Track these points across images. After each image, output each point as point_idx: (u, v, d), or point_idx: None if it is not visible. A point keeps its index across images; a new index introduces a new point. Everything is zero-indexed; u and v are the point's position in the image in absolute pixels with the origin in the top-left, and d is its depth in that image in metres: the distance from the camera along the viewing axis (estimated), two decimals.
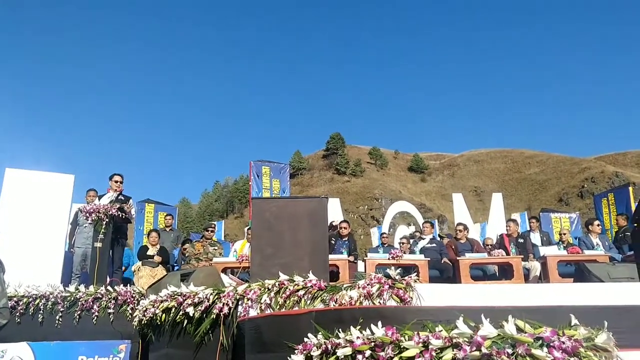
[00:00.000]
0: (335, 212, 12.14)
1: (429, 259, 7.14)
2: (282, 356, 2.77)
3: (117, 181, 7.39)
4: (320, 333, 2.61)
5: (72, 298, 5.48)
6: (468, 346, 2.01)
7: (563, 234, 8.60)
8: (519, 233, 8.66)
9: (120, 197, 7.23)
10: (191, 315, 3.99)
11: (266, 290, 3.76)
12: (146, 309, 4.60)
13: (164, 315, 4.32)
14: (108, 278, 6.62)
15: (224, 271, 6.52)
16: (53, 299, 5.49)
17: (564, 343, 1.91)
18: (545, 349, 1.91)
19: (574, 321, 2.12)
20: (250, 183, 11.71)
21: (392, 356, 2.22)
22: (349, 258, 7.27)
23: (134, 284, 6.78)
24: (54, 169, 7.48)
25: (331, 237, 7.52)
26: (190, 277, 4.66)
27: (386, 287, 3.31)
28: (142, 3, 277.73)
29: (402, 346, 2.21)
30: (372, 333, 2.34)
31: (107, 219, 6.70)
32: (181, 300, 4.14)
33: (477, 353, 1.98)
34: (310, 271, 3.79)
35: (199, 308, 3.97)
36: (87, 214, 6.69)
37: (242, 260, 6.71)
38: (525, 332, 2.01)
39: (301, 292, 3.60)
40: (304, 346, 2.63)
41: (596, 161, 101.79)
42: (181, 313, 4.09)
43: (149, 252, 8.03)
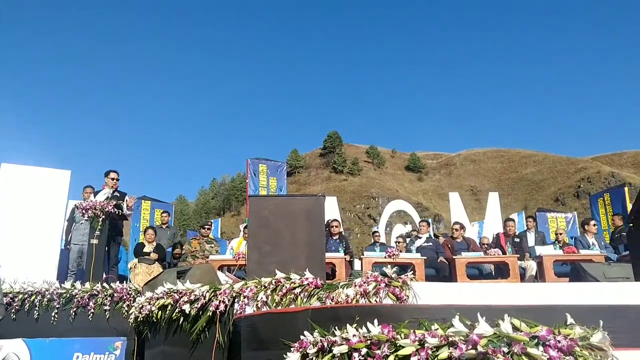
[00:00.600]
0: (332, 211, 12.13)
1: (425, 258, 7.14)
2: (279, 354, 2.77)
3: (114, 178, 7.35)
4: (316, 331, 2.61)
5: (68, 295, 5.48)
6: (464, 345, 2.02)
7: (559, 234, 8.61)
8: (516, 233, 8.69)
9: (115, 194, 7.21)
10: (187, 312, 3.99)
11: (263, 288, 3.75)
12: (142, 306, 4.59)
13: (160, 312, 4.31)
14: (104, 275, 6.61)
15: (221, 269, 6.52)
16: (49, 296, 5.49)
17: (560, 342, 1.92)
18: (541, 348, 1.92)
19: (570, 320, 2.12)
20: (247, 181, 11.72)
21: (388, 354, 2.22)
22: (346, 256, 7.27)
23: (129, 281, 6.78)
24: (51, 166, 7.42)
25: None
26: (186, 275, 4.66)
27: (382, 286, 3.31)
28: (142, 1, 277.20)
29: (398, 344, 2.22)
30: (369, 331, 2.35)
31: (104, 216, 6.68)
32: (177, 297, 4.14)
33: (473, 351, 1.98)
34: (307, 269, 3.79)
35: (195, 305, 3.96)
36: (84, 211, 6.66)
37: (239, 258, 6.69)
38: (521, 331, 2.01)
39: (298, 290, 3.59)
40: (300, 344, 2.63)
41: (592, 161, 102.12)
42: (177, 310, 4.08)
43: (146, 249, 8.02)
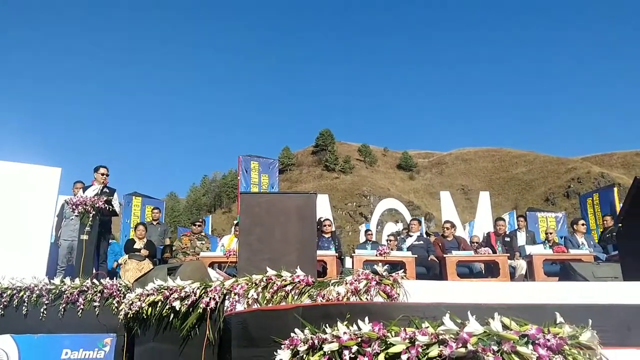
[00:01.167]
0: (323, 209, 12.14)
1: (416, 256, 7.18)
2: (269, 351, 2.76)
3: (103, 174, 7.30)
4: (307, 328, 2.61)
5: (57, 291, 5.42)
6: (454, 342, 2.02)
7: (549, 233, 8.66)
8: (506, 232, 8.74)
9: (105, 190, 7.15)
10: (177, 309, 3.97)
11: (253, 285, 3.75)
12: (132, 303, 4.57)
13: (150, 309, 4.29)
14: (94, 271, 6.56)
15: (211, 266, 6.50)
16: (38, 292, 5.42)
17: (549, 341, 1.93)
18: (530, 346, 1.93)
19: (559, 319, 2.13)
20: (238, 178, 11.68)
21: (379, 352, 2.22)
22: (337, 254, 7.27)
23: (119, 277, 6.75)
24: (41, 161, 7.36)
25: None
26: (177, 271, 4.64)
27: (373, 284, 3.31)
28: None
29: (389, 342, 2.22)
30: (359, 329, 2.35)
31: (94, 212, 6.62)
32: (168, 294, 4.12)
33: (463, 349, 1.99)
34: (298, 266, 3.79)
35: (186, 302, 3.94)
36: (74, 206, 6.60)
37: (230, 255, 6.68)
38: (510, 330, 2.02)
39: (289, 288, 3.59)
40: (291, 341, 2.62)
41: (582, 162, 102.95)
42: (167, 307, 4.06)
43: (136, 246, 7.99)
